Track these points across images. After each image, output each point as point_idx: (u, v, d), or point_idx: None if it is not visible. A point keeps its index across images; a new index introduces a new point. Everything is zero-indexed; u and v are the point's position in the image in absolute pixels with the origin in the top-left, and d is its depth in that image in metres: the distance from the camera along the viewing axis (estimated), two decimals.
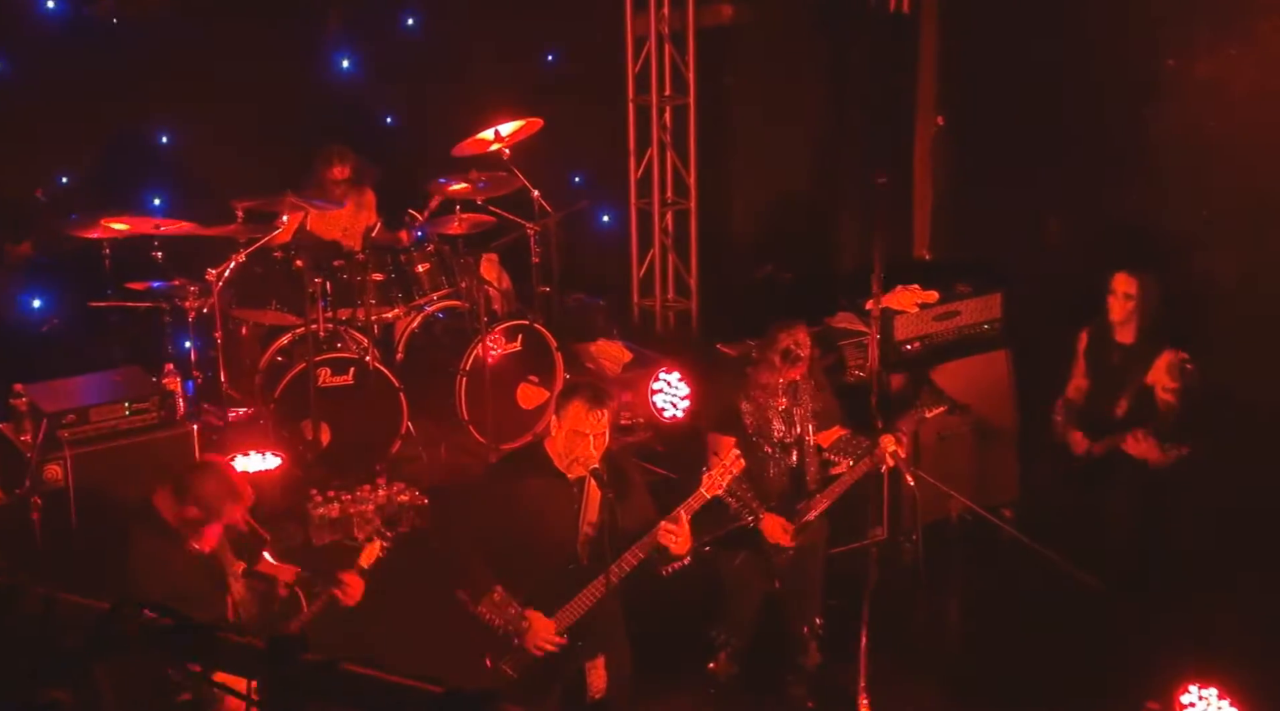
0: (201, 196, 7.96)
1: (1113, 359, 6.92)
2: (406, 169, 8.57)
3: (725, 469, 5.51)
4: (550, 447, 5.46)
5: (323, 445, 7.35)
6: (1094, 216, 8.07)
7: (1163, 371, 6.76)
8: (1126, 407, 6.83)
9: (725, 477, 5.51)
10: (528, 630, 5.32)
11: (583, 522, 5.46)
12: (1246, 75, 7.19)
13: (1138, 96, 7.75)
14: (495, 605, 5.29)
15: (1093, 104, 8.02)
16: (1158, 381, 6.78)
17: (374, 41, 9.11)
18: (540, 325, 7.97)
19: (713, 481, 5.49)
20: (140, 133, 8.65)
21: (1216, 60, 7.37)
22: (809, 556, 6.42)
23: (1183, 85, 7.50)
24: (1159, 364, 6.77)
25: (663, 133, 9.51)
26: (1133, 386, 6.82)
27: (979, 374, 7.86)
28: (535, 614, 5.33)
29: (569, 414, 5.38)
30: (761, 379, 6.31)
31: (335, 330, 7.63)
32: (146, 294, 7.40)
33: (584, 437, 5.34)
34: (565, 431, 5.38)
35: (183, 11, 8.51)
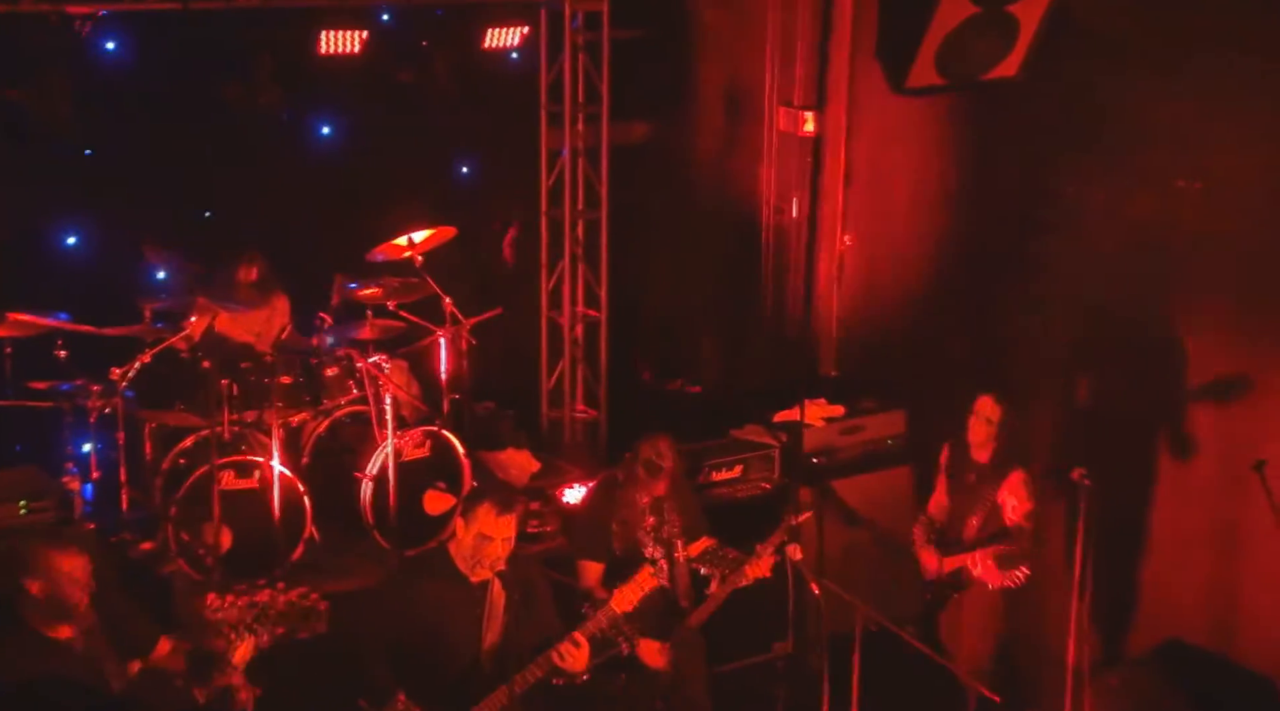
0: (106, 296, 7.88)
1: (969, 477, 7.03)
2: (319, 274, 8.57)
3: (638, 586, 5.54)
4: (455, 551, 5.44)
5: (223, 549, 7.23)
6: (993, 338, 8.24)
7: (1011, 491, 6.86)
8: (977, 526, 6.94)
9: (637, 594, 5.53)
10: None
11: (486, 629, 5.43)
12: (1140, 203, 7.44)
13: (1039, 222, 7.97)
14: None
15: (996, 226, 8.24)
16: (1007, 501, 6.89)
17: (289, 146, 9.14)
18: (448, 432, 7.96)
19: (624, 597, 5.51)
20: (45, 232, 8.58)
21: (1113, 189, 7.61)
22: (689, 674, 6.42)
23: (1082, 212, 7.73)
24: (1009, 482, 6.87)
25: (575, 246, 9.62)
26: (984, 505, 6.93)
27: (883, 488, 7.97)
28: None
29: (477, 517, 5.37)
30: (629, 495, 6.34)
31: (240, 433, 7.56)
32: (48, 393, 7.30)
33: (491, 542, 5.35)
34: (472, 534, 5.37)
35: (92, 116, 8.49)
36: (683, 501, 6.49)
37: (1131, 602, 7.53)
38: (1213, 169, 7.02)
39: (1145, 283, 7.39)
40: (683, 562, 6.44)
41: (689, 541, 6.48)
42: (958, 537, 7.00)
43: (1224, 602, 7.18)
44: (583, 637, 5.40)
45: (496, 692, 5.33)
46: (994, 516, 6.89)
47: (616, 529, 6.34)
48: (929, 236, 8.67)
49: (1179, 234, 7.22)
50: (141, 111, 8.53)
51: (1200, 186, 7.06)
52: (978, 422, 6.93)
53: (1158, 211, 7.31)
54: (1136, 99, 7.23)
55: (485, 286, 9.57)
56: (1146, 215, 7.36)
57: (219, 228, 8.93)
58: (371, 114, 9.46)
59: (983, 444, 6.94)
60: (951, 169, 8.48)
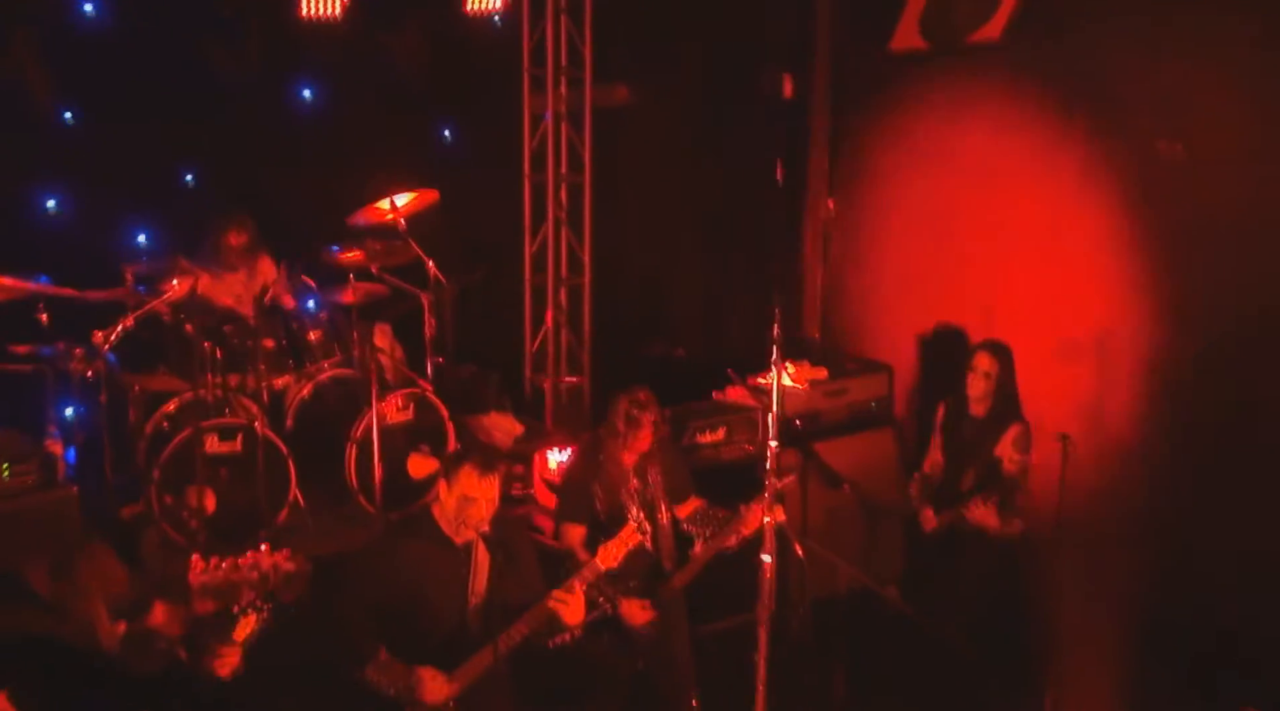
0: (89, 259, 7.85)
1: (965, 433, 7.15)
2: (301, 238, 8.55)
3: (622, 542, 5.58)
4: (438, 513, 5.45)
5: (208, 512, 7.24)
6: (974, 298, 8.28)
7: (1009, 444, 6.96)
8: (974, 479, 7.05)
9: (621, 551, 5.58)
10: (419, 685, 5.26)
11: (470, 590, 5.45)
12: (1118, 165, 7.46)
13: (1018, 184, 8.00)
14: (381, 667, 5.25)
15: (976, 189, 8.26)
16: (1004, 454, 6.99)
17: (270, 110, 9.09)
18: (432, 395, 7.96)
19: (609, 554, 5.53)
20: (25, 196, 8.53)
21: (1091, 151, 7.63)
22: (672, 634, 6.43)
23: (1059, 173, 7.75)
24: (1006, 436, 6.97)
25: (558, 210, 9.61)
26: (981, 459, 7.04)
27: (866, 451, 7.98)
28: (426, 670, 5.29)
29: (459, 479, 5.38)
30: (611, 452, 6.33)
31: (224, 396, 7.55)
32: (29, 357, 7.27)
33: (474, 503, 5.37)
34: (455, 497, 5.38)
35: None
36: (669, 463, 6.50)
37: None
38: (1194, 131, 7.03)
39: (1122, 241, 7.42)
40: (667, 524, 6.45)
41: (676, 502, 6.49)
42: (954, 492, 7.07)
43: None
44: (579, 586, 5.42)
45: (481, 652, 5.35)
46: (992, 470, 6.99)
47: (599, 492, 6.34)
48: (911, 198, 8.68)
49: (1159, 195, 7.25)
50: (120, 74, 8.47)
51: (1182, 148, 7.08)
52: (975, 378, 7.03)
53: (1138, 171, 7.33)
54: (1118, 61, 7.23)
55: (468, 250, 9.55)
56: (1124, 177, 7.37)
57: (200, 192, 8.88)
58: (353, 78, 9.40)
59: (980, 398, 7.06)
60: (932, 132, 8.48)
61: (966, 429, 7.13)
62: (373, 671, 5.24)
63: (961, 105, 8.28)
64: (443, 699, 5.29)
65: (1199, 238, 7.07)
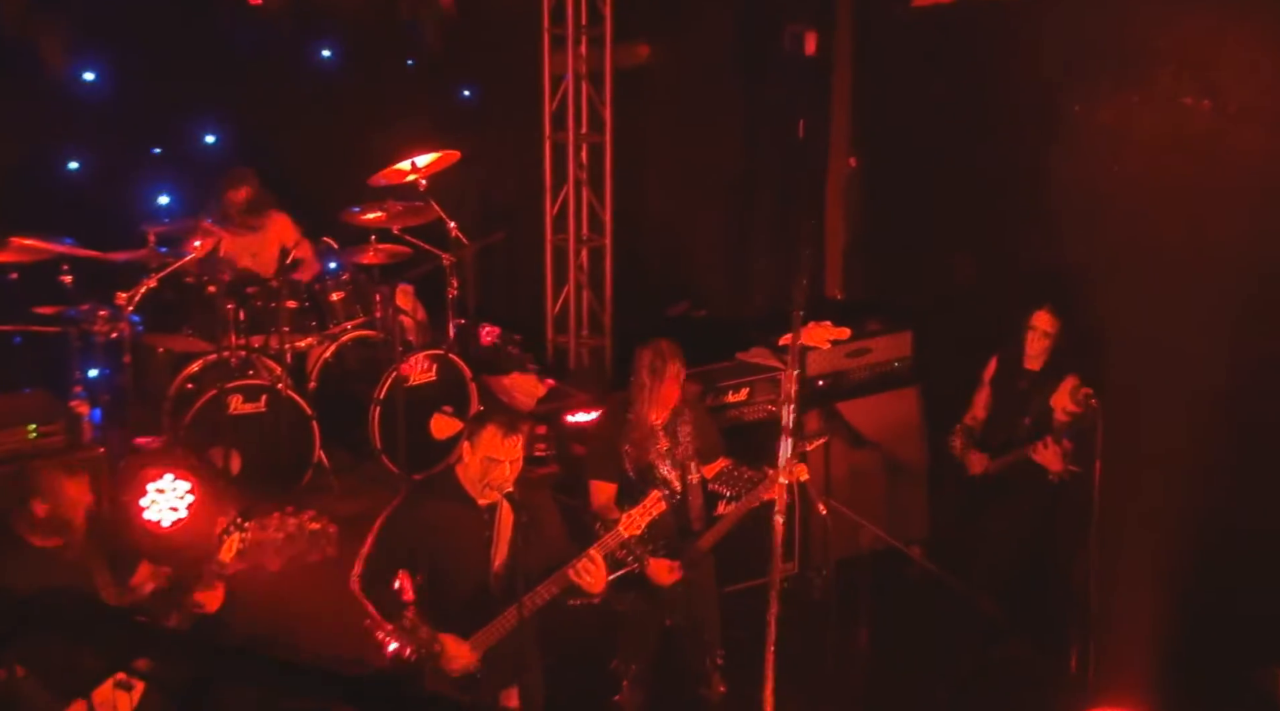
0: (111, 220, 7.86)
1: (1020, 384, 7.15)
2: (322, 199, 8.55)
3: (645, 510, 5.56)
4: (462, 474, 5.44)
5: (233, 473, 7.27)
6: (1002, 257, 8.24)
7: (1065, 395, 6.96)
8: (1029, 424, 7.05)
9: (645, 518, 5.56)
10: (441, 652, 5.27)
11: (494, 551, 5.45)
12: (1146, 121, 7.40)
13: (1043, 140, 7.94)
14: (406, 630, 5.25)
15: (1001, 147, 8.20)
16: (1060, 404, 6.99)
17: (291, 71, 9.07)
18: (455, 356, 7.96)
19: (632, 521, 5.53)
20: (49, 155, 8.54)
21: (1119, 107, 7.57)
22: (699, 593, 6.43)
23: (1087, 130, 7.69)
24: (1063, 388, 6.98)
25: (579, 170, 9.57)
26: (1036, 407, 7.05)
27: (889, 411, 7.96)
28: (449, 637, 5.30)
29: (483, 439, 5.36)
30: (639, 410, 6.31)
31: (248, 357, 7.57)
32: (54, 318, 7.30)
33: (498, 464, 5.33)
34: (479, 458, 5.36)
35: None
36: (699, 422, 6.47)
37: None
38: (1222, 85, 6.97)
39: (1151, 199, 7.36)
40: (696, 484, 6.43)
41: (705, 462, 6.48)
42: (1007, 439, 7.08)
43: None
44: (599, 555, 5.42)
45: (505, 613, 5.35)
46: (1046, 417, 7.00)
47: (629, 450, 6.32)
48: (934, 156, 8.62)
49: (1187, 152, 7.19)
50: (142, 34, 8.46)
51: (1209, 104, 7.02)
52: (1035, 337, 7.05)
53: (1164, 129, 7.27)
54: (1146, 15, 7.16)
55: (490, 211, 9.54)
56: (1153, 132, 7.31)
57: (221, 153, 8.87)
58: (373, 37, 9.36)
59: (1038, 355, 7.08)
60: (957, 87, 8.41)
61: (1021, 381, 7.14)
62: (398, 630, 5.24)
63: (986, 60, 8.21)
64: (463, 667, 5.30)
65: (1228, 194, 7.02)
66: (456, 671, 5.30)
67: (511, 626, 5.32)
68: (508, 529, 5.43)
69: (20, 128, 8.27)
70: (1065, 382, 6.98)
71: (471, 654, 5.32)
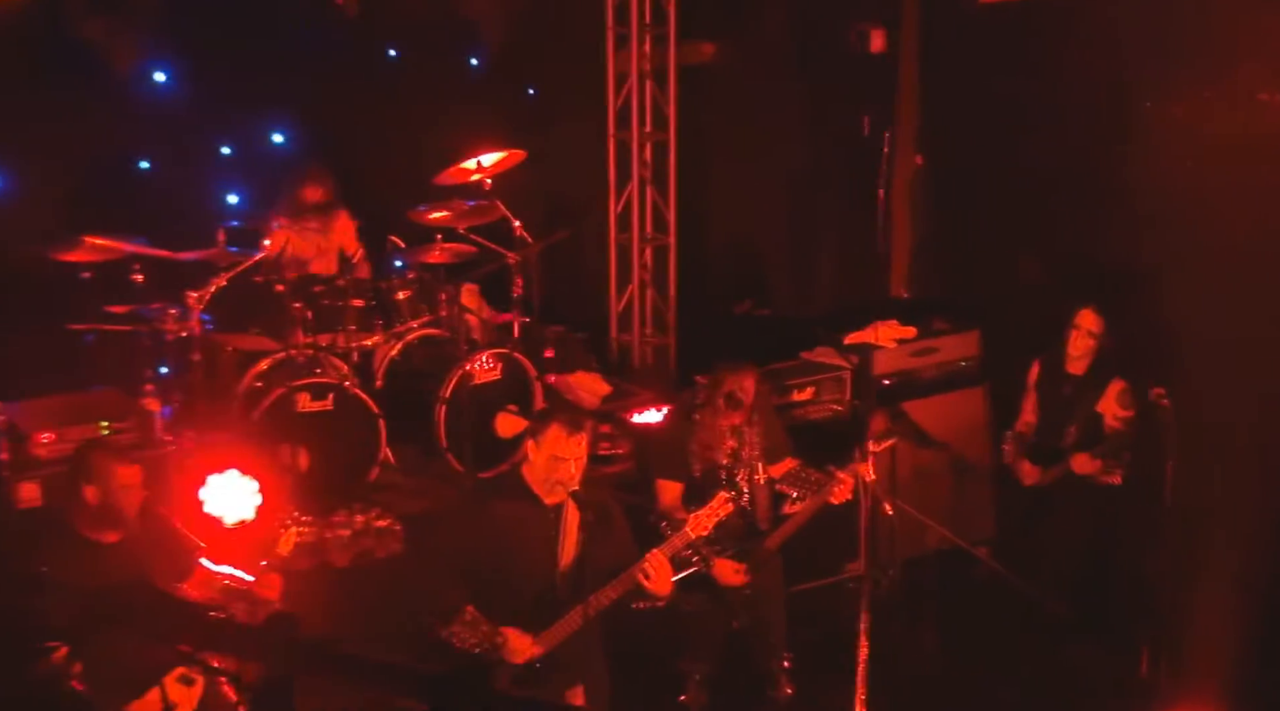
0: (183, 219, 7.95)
1: (1064, 390, 7.07)
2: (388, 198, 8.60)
3: (713, 511, 5.51)
4: (528, 474, 5.43)
5: (301, 470, 7.32)
6: (1070, 255, 8.16)
7: (1113, 400, 6.91)
8: (1075, 435, 6.97)
9: (712, 519, 5.50)
10: (503, 645, 5.25)
11: (561, 550, 5.44)
12: (1220, 116, 7.30)
13: (1113, 137, 7.85)
14: (467, 625, 5.22)
15: (1070, 144, 8.12)
16: (1108, 410, 6.92)
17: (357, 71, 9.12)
18: (520, 354, 7.98)
19: (699, 522, 5.49)
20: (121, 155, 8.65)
21: (1192, 103, 7.47)
22: (766, 594, 6.41)
23: (1159, 127, 7.59)
24: (1109, 393, 6.91)
25: (643, 168, 9.57)
26: (1081, 415, 6.96)
27: (956, 410, 7.89)
28: (511, 630, 5.27)
29: (547, 438, 5.36)
30: (706, 421, 6.31)
31: (315, 356, 7.62)
32: (126, 317, 7.39)
33: (564, 462, 5.33)
34: (545, 456, 5.35)
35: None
36: (767, 423, 6.46)
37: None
38: None
39: (1224, 197, 7.25)
40: (763, 484, 6.41)
41: (772, 462, 6.46)
42: (1056, 448, 7.01)
43: None
44: (665, 558, 5.39)
45: (571, 613, 5.35)
46: (1094, 425, 6.93)
47: (696, 450, 6.32)
48: (1001, 153, 8.54)
49: (1261, 149, 7.08)
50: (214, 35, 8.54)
51: None
52: (1079, 336, 6.96)
53: (1238, 125, 7.16)
54: (1222, 9, 7.06)
55: (554, 209, 9.55)
56: (1228, 129, 7.21)
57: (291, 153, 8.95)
58: (438, 37, 9.40)
59: (1081, 356, 6.99)
60: (1025, 84, 8.33)
61: (1065, 386, 7.05)
62: (458, 627, 5.22)
63: (1055, 56, 8.12)
64: (526, 658, 5.29)
65: None
66: (520, 663, 5.29)
67: (577, 626, 5.31)
68: (574, 528, 5.42)
69: (92, 128, 8.36)
70: (1111, 387, 6.90)
71: (534, 646, 5.30)
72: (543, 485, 5.40)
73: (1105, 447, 6.80)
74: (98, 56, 8.10)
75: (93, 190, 8.40)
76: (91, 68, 8.16)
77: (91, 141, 8.42)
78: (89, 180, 8.45)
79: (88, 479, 5.11)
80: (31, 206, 8.17)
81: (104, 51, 8.08)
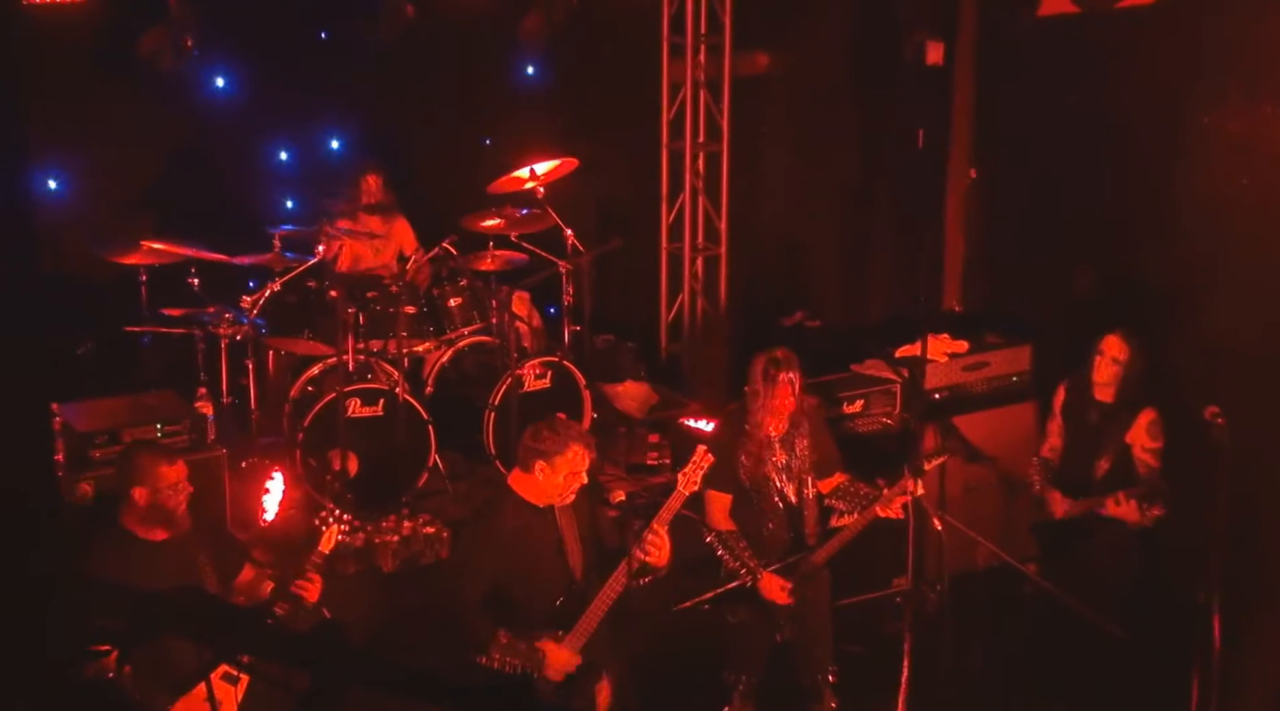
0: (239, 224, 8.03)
1: (1091, 417, 6.85)
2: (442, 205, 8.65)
3: (697, 465, 5.66)
4: (523, 488, 5.62)
5: (351, 475, 7.37)
6: (1123, 271, 8.08)
7: (1142, 430, 6.69)
8: (1107, 468, 6.76)
9: (698, 473, 5.65)
10: (544, 660, 5.43)
11: (568, 544, 5.65)
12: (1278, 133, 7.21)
13: (1169, 152, 7.77)
14: (504, 648, 5.42)
15: (1125, 159, 8.05)
16: (1137, 441, 6.72)
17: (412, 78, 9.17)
18: (570, 363, 8.01)
19: (687, 479, 5.64)
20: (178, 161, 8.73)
21: (1249, 118, 7.38)
22: (813, 608, 6.40)
23: (1216, 142, 7.51)
24: (1139, 422, 6.70)
25: (695, 179, 9.58)
26: (1111, 446, 6.75)
27: (1007, 426, 7.85)
28: (547, 643, 5.47)
29: (567, 458, 5.55)
30: (753, 417, 6.28)
31: (366, 361, 7.68)
32: (181, 320, 7.48)
33: (577, 475, 5.59)
34: (564, 474, 5.56)
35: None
36: (816, 436, 6.42)
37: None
38: None
39: None
40: (812, 498, 6.38)
41: (822, 476, 6.43)
42: (1085, 480, 6.83)
43: None
44: (661, 527, 5.52)
45: (591, 608, 5.51)
46: (1124, 457, 6.72)
47: (745, 461, 6.30)
48: (1056, 167, 8.48)
49: None
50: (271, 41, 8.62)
51: None
52: (1104, 362, 6.74)
53: None
54: (1276, 24, 6.98)
55: (606, 218, 9.57)
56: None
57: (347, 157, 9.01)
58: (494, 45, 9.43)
59: (1107, 384, 6.76)
60: (1080, 98, 8.27)
61: (1092, 413, 6.85)
62: (497, 652, 5.40)
63: (1111, 71, 8.05)
64: (566, 667, 5.46)
65: None
66: (563, 672, 5.45)
67: (602, 615, 5.50)
68: (570, 524, 5.66)
69: (150, 132, 8.47)
70: (1142, 416, 6.69)
71: (573, 656, 5.48)
72: (544, 496, 5.60)
73: (1140, 491, 6.56)
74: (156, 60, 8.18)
75: (150, 194, 8.50)
76: (150, 72, 8.25)
77: (150, 145, 8.52)
78: (147, 184, 8.55)
79: (136, 480, 5.18)
80: (90, 209, 8.27)
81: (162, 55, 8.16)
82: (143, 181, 8.56)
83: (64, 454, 6.51)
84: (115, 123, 8.28)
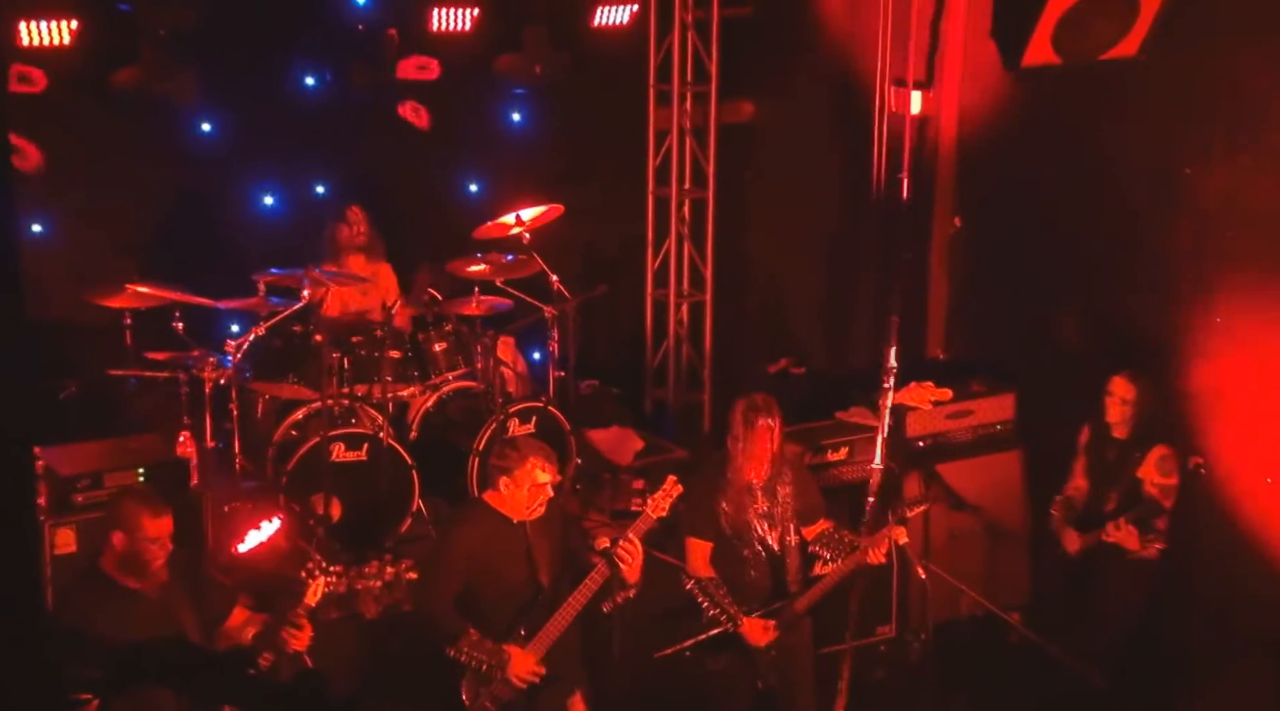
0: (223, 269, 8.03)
1: (1109, 455, 7.04)
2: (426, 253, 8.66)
3: (666, 492, 5.74)
4: (496, 502, 5.79)
5: (333, 520, 7.34)
6: (1108, 320, 8.12)
7: (1153, 466, 6.86)
8: (1116, 502, 6.93)
9: (667, 500, 5.73)
10: (508, 662, 5.64)
11: (537, 556, 5.78)
12: (1260, 186, 7.26)
13: (1153, 203, 7.82)
14: (474, 645, 5.63)
15: (1108, 208, 8.10)
16: (1148, 476, 6.87)
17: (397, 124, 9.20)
18: (555, 409, 8.00)
19: (656, 504, 5.72)
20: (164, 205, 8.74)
21: (1231, 170, 7.43)
22: (795, 654, 6.38)
23: (1199, 194, 7.56)
24: (1150, 458, 6.87)
25: (681, 225, 9.62)
26: (1124, 481, 6.93)
27: (991, 474, 7.86)
28: (513, 647, 5.67)
29: (525, 472, 5.73)
30: (734, 463, 6.27)
31: (351, 406, 7.66)
32: (166, 364, 7.46)
33: (541, 488, 5.75)
34: (527, 486, 5.73)
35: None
36: (799, 484, 6.39)
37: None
38: None
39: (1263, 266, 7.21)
40: (795, 546, 6.35)
41: (805, 524, 6.40)
42: (1097, 514, 6.96)
43: None
44: (636, 536, 5.65)
45: (557, 614, 5.70)
46: (1133, 491, 6.88)
47: (725, 508, 6.27)
48: (1040, 216, 8.53)
49: None
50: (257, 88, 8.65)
51: None
52: (1113, 403, 6.95)
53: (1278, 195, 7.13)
54: (1261, 79, 7.05)
55: (591, 264, 9.59)
56: (1267, 198, 7.17)
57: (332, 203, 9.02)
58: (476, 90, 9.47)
59: (1121, 423, 6.97)
60: (1064, 147, 8.33)
61: (1110, 451, 7.02)
62: (465, 646, 5.62)
63: (1094, 121, 8.12)
64: (530, 674, 5.66)
65: None
66: (524, 679, 5.64)
67: (565, 626, 5.70)
68: (541, 538, 5.81)
69: (136, 176, 8.47)
70: (1154, 452, 6.85)
71: (537, 663, 5.67)
72: (513, 510, 5.78)
73: (1135, 514, 6.73)
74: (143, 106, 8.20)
75: (135, 238, 8.49)
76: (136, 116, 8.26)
77: (135, 189, 8.52)
78: (131, 227, 8.54)
79: (118, 525, 5.13)
80: (74, 252, 8.26)
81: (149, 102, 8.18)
82: (127, 225, 8.55)
83: (46, 498, 6.46)
84: (100, 167, 8.29)
